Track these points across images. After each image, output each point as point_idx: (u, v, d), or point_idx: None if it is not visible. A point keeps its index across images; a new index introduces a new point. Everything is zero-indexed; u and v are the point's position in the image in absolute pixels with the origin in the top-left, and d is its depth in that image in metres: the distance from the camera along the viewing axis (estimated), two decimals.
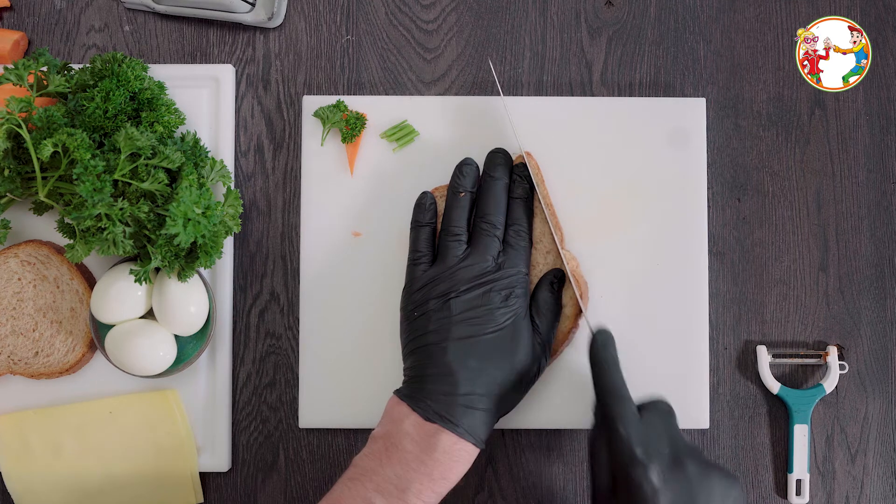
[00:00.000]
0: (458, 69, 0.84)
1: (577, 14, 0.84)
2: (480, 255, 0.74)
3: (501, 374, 0.71)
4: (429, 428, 0.69)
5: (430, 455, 0.68)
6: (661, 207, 0.80)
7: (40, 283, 0.78)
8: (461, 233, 0.75)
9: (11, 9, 0.84)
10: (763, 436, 0.82)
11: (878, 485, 0.81)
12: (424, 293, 0.74)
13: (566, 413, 0.79)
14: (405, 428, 0.69)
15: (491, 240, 0.75)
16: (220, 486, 0.82)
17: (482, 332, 0.71)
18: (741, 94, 0.83)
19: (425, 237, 0.77)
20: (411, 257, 0.76)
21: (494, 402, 0.71)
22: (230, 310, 0.81)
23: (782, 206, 0.83)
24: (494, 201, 0.76)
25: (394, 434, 0.69)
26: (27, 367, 0.78)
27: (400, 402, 0.71)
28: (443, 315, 0.72)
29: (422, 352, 0.72)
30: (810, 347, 0.82)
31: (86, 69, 0.77)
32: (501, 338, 0.72)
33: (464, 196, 0.77)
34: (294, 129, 0.83)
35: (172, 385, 0.80)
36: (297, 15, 0.84)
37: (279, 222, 0.83)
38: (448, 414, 0.69)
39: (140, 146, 0.71)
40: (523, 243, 0.76)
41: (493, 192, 0.76)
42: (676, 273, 0.80)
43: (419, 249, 0.76)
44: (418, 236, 0.77)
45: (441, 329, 0.72)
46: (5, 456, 0.79)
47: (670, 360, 0.79)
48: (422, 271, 0.75)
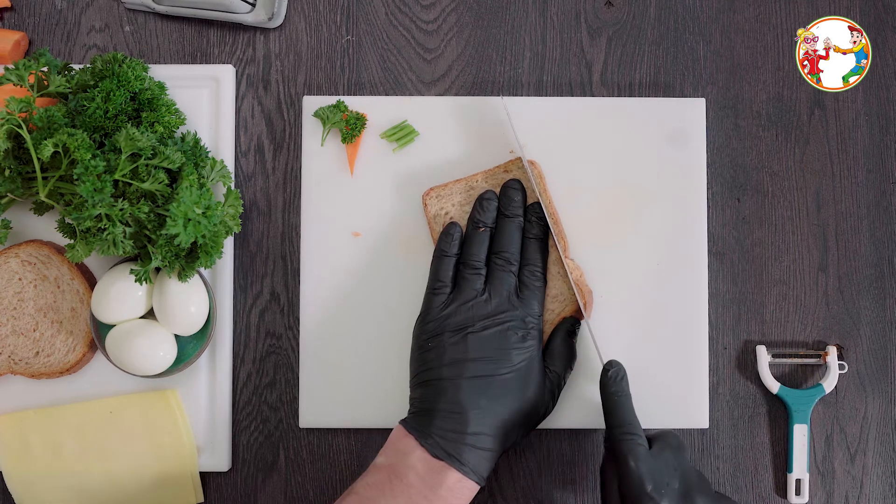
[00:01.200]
0: (458, 69, 0.84)
1: (577, 14, 0.84)
2: (497, 290, 0.74)
3: (511, 415, 0.71)
4: (435, 464, 0.69)
5: (434, 491, 0.68)
6: (661, 207, 0.80)
7: (41, 283, 0.78)
8: (481, 267, 0.75)
9: (12, 9, 0.84)
10: (763, 436, 0.82)
11: (877, 484, 0.82)
12: (439, 324, 0.73)
13: (566, 413, 0.79)
14: (411, 461, 0.69)
15: (507, 275, 0.75)
16: (220, 486, 0.82)
17: (497, 371, 0.71)
18: (741, 95, 0.84)
19: (448, 267, 0.76)
20: (431, 286, 0.76)
21: (500, 442, 0.71)
22: (230, 310, 0.81)
23: (782, 206, 0.83)
24: (510, 238, 0.76)
25: (399, 466, 0.69)
26: (27, 367, 0.78)
27: (407, 435, 0.70)
28: (458, 351, 0.72)
29: (433, 385, 0.72)
30: (810, 347, 0.82)
31: (86, 69, 0.77)
32: (515, 379, 0.72)
33: (483, 231, 0.76)
34: (294, 129, 0.83)
35: (172, 385, 0.80)
36: (297, 15, 0.84)
37: (279, 222, 0.83)
38: (455, 452, 0.69)
39: (140, 146, 0.71)
40: (538, 283, 0.75)
41: (508, 230, 0.76)
42: (676, 273, 0.80)
43: (440, 279, 0.75)
44: (440, 266, 0.76)
45: (455, 364, 0.71)
46: (5, 456, 0.79)
47: (670, 360, 0.79)
48: (440, 301, 0.75)
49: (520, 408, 0.71)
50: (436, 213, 0.79)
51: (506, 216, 0.77)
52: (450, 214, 0.79)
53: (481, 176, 0.79)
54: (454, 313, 0.73)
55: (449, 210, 0.79)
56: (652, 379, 0.79)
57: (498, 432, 0.70)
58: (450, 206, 0.79)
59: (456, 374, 0.71)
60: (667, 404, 0.79)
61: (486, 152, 0.80)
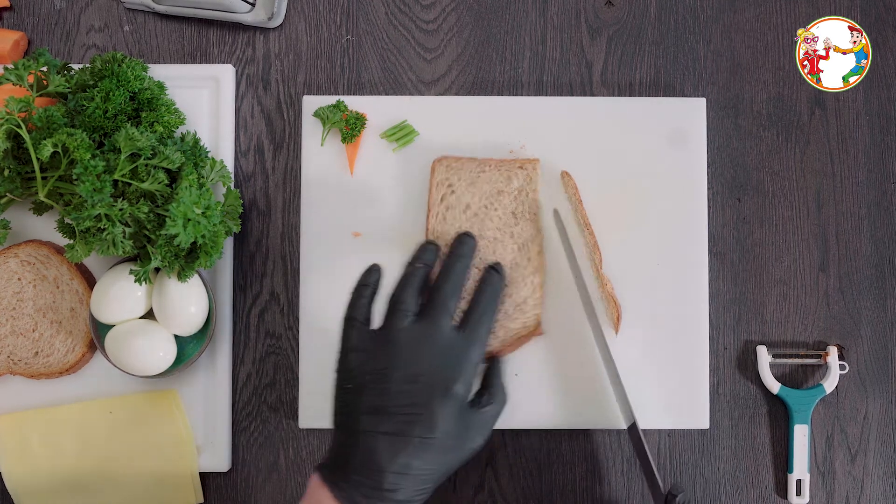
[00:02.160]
0: (458, 69, 0.84)
1: (577, 14, 0.84)
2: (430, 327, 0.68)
3: (432, 472, 0.66)
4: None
5: None
6: (661, 207, 0.80)
7: (40, 283, 0.78)
8: (410, 307, 0.69)
9: (11, 9, 0.84)
10: (763, 436, 0.82)
11: (878, 485, 0.81)
12: (360, 361, 0.68)
13: (566, 413, 0.79)
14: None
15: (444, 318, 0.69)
16: (220, 486, 0.81)
17: (415, 433, 0.65)
18: (741, 94, 0.83)
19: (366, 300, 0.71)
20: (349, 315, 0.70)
21: (425, 492, 0.66)
22: (230, 310, 0.81)
23: (782, 206, 0.83)
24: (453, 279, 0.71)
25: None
26: (27, 367, 0.78)
27: (322, 485, 0.65)
28: (378, 400, 0.66)
29: (350, 434, 0.66)
30: (810, 347, 0.82)
31: (86, 69, 0.77)
32: (440, 439, 0.66)
33: (421, 268, 0.71)
34: (294, 129, 0.83)
35: (172, 385, 0.80)
36: (297, 15, 0.84)
37: (279, 222, 0.83)
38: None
39: (140, 146, 0.71)
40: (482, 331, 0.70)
41: (453, 270, 0.71)
42: (676, 273, 0.80)
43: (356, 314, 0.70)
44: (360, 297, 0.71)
45: (373, 415, 0.66)
46: (5, 456, 0.79)
47: (670, 360, 0.79)
48: (358, 334, 0.69)
49: (444, 461, 0.66)
50: (439, 182, 0.79)
51: (455, 254, 0.73)
52: (452, 187, 0.79)
53: (494, 163, 0.79)
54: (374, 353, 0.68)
55: (453, 182, 0.79)
56: (652, 379, 0.79)
57: (420, 487, 0.65)
58: (455, 179, 0.79)
59: (372, 427, 0.65)
60: (667, 404, 0.79)
61: (485, 152, 0.80)
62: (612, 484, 0.81)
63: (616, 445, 0.81)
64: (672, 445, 0.81)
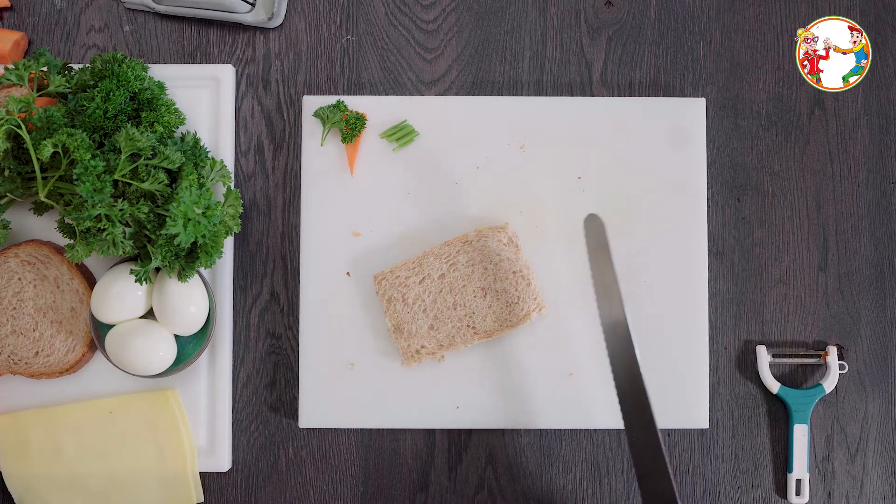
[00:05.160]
0: (458, 69, 0.84)
1: (577, 14, 0.84)
2: None
3: None
4: None
5: None
6: (661, 207, 0.80)
7: (40, 283, 0.78)
8: None
9: (11, 9, 0.84)
10: (763, 436, 0.82)
11: (877, 484, 0.81)
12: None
13: (566, 413, 0.79)
14: None
15: None
16: (220, 486, 0.82)
17: None
18: (741, 94, 0.84)
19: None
20: None
21: None
22: (230, 310, 0.81)
23: (782, 206, 0.83)
24: None
25: None
26: (27, 367, 0.78)
27: None
28: None
29: None
30: (810, 347, 0.82)
31: (86, 69, 0.77)
32: None
33: None
34: (294, 129, 0.83)
35: (172, 385, 0.80)
36: (297, 15, 0.84)
37: (279, 222, 0.83)
38: None
39: (140, 146, 0.71)
40: None
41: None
42: (676, 273, 0.80)
43: None
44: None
45: None
46: (5, 456, 0.79)
47: (670, 360, 0.79)
48: None
49: None
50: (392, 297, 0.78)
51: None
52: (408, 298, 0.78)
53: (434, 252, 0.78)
54: None
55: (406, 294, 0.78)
56: (652, 379, 0.79)
57: None
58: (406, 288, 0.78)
59: None
60: (667, 404, 0.79)
61: (485, 152, 0.80)
62: (612, 484, 0.81)
63: (616, 445, 0.81)
64: (672, 445, 0.82)
